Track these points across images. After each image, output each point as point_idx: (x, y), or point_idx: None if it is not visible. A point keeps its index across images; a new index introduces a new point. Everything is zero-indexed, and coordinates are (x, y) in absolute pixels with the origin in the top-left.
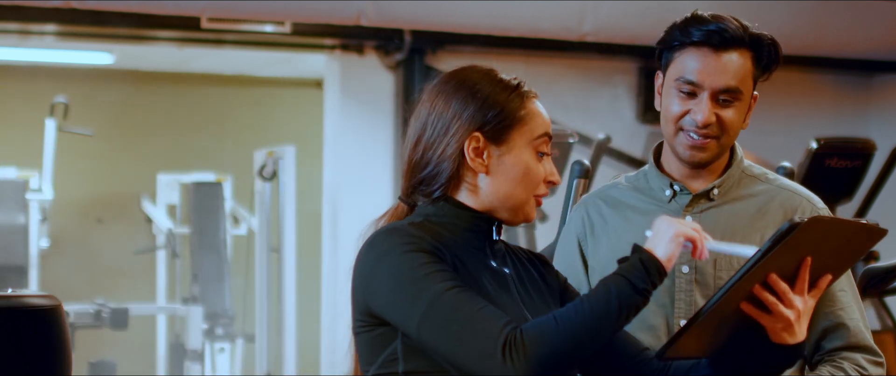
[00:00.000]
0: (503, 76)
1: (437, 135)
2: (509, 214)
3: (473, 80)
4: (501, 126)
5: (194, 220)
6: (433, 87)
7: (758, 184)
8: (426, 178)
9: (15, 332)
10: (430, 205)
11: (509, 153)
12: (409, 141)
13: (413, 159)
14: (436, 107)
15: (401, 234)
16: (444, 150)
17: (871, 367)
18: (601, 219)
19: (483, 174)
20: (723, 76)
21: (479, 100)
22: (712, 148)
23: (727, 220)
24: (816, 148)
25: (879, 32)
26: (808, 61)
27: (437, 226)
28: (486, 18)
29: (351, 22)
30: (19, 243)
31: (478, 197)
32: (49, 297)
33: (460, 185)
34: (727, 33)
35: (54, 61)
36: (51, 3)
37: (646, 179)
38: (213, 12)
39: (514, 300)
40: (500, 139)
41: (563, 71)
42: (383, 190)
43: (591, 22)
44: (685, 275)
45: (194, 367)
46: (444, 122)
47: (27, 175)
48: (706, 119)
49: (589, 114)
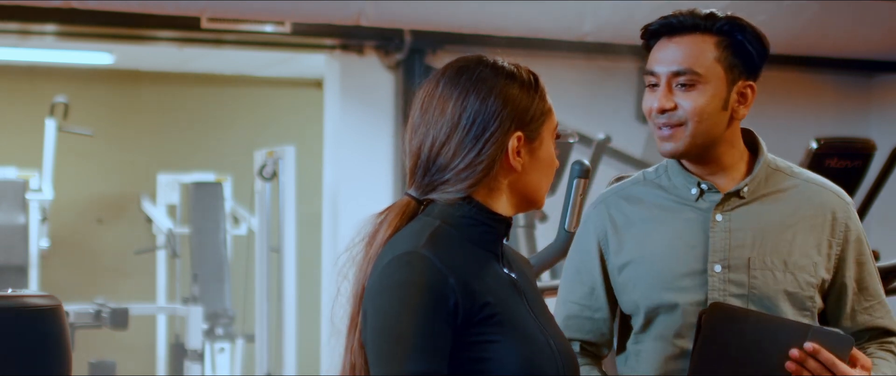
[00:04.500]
0: (509, 65)
1: (474, 134)
2: (528, 206)
3: (494, 75)
4: (537, 124)
5: (194, 220)
6: (449, 81)
7: (785, 178)
8: (451, 177)
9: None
10: (449, 207)
11: (541, 148)
12: (422, 135)
13: (432, 155)
14: (463, 104)
15: (419, 270)
16: (483, 149)
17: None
18: (623, 215)
19: (515, 173)
20: (674, 59)
21: (515, 99)
22: (679, 136)
23: (759, 218)
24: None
25: (879, 32)
26: (808, 61)
27: (456, 230)
28: (486, 18)
29: (351, 22)
30: (19, 243)
31: (501, 197)
32: (49, 297)
33: (485, 185)
34: (676, 19)
35: (54, 61)
36: (51, 3)
37: (668, 177)
38: (213, 12)
39: (528, 312)
40: (534, 136)
41: (563, 71)
42: (383, 190)
43: (591, 22)
44: (718, 275)
45: (194, 367)
46: (482, 122)
47: (27, 175)
48: (661, 105)
49: (589, 114)
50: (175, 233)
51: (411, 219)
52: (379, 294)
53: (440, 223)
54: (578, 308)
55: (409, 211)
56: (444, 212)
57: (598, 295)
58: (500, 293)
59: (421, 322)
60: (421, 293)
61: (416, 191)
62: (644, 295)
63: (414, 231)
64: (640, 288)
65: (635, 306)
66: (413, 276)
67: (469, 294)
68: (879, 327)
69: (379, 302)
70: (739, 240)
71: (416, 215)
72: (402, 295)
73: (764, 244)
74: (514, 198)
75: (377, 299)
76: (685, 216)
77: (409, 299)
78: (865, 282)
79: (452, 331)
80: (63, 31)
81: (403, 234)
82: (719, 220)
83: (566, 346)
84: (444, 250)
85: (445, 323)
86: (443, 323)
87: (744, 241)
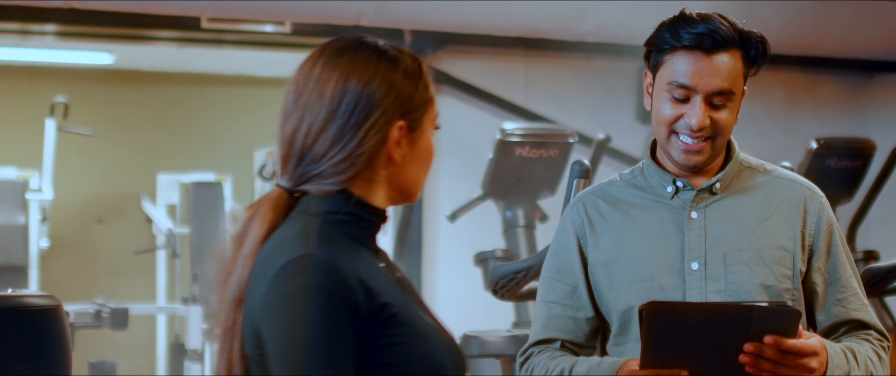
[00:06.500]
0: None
1: (355, 122)
2: (404, 199)
3: (377, 59)
4: (419, 113)
5: (194, 220)
6: (327, 62)
7: (757, 175)
8: (328, 169)
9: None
10: (326, 200)
11: (421, 138)
12: (297, 120)
13: (307, 144)
14: (344, 88)
15: (317, 274)
16: (363, 139)
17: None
18: (600, 216)
19: (394, 164)
20: (716, 79)
21: (399, 86)
22: (707, 150)
23: (732, 213)
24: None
25: (879, 32)
26: (808, 61)
27: (334, 226)
28: (486, 18)
29: (351, 22)
30: (19, 243)
31: (378, 189)
32: (49, 297)
33: (363, 177)
34: (719, 35)
35: (54, 61)
36: (51, 3)
37: (643, 176)
38: (213, 12)
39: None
40: (416, 126)
41: (563, 71)
42: None
43: (591, 22)
44: (695, 273)
45: (194, 367)
46: (363, 109)
47: (27, 175)
48: (701, 123)
49: (589, 114)
50: (175, 233)
51: (285, 212)
52: (277, 304)
53: (322, 220)
54: (560, 308)
55: (281, 204)
56: (322, 208)
57: (581, 293)
58: (394, 291)
59: (328, 328)
60: (324, 298)
61: (287, 182)
62: (622, 295)
63: (298, 231)
64: (618, 288)
65: (614, 305)
66: (312, 281)
67: (369, 294)
68: (855, 319)
69: (279, 313)
70: (714, 236)
71: (289, 208)
72: (304, 302)
73: (739, 239)
74: (391, 191)
75: (276, 310)
76: (661, 214)
77: (311, 306)
78: (838, 273)
79: (356, 335)
80: (63, 31)
81: (287, 235)
82: (694, 218)
83: (453, 339)
84: (337, 249)
85: (350, 327)
86: (347, 327)
87: (719, 238)
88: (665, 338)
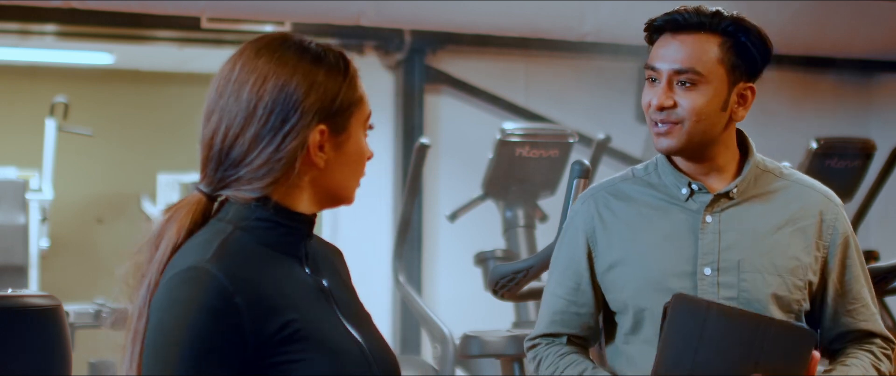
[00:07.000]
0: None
1: (272, 126)
2: (335, 202)
3: (298, 58)
4: (344, 115)
5: None
6: (246, 62)
7: (774, 180)
8: (246, 174)
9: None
10: (244, 208)
11: (348, 141)
12: (216, 122)
13: (225, 147)
14: (261, 90)
15: (200, 288)
16: (281, 145)
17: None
18: (611, 213)
19: (317, 169)
20: (677, 57)
21: (320, 87)
22: (676, 134)
23: (747, 219)
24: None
25: (879, 32)
26: (808, 61)
27: (252, 235)
28: (486, 18)
29: (351, 22)
30: (19, 243)
31: (302, 195)
32: (49, 297)
33: (284, 183)
34: (681, 16)
35: (54, 61)
36: (51, 3)
37: (658, 175)
38: (213, 12)
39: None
40: (341, 128)
41: (563, 71)
42: (383, 190)
43: (591, 22)
44: (708, 278)
45: None
46: (281, 112)
47: (27, 175)
48: (660, 101)
49: (589, 114)
50: None
51: (204, 218)
52: (158, 310)
53: (233, 229)
54: (565, 303)
55: (199, 209)
56: (238, 215)
57: (584, 290)
58: (305, 304)
59: (195, 344)
60: (200, 313)
61: (206, 187)
62: (632, 296)
63: (203, 240)
64: (629, 289)
65: (624, 306)
66: (193, 294)
67: (263, 313)
68: (862, 329)
69: (156, 321)
70: (729, 242)
71: (209, 213)
72: (180, 314)
73: (753, 246)
74: (318, 195)
75: (155, 316)
76: (675, 216)
77: (185, 319)
78: (849, 285)
79: (242, 355)
80: (63, 31)
81: (194, 243)
82: (709, 222)
83: (381, 347)
84: (235, 264)
85: (228, 346)
86: (223, 345)
87: (733, 244)
88: (683, 335)
